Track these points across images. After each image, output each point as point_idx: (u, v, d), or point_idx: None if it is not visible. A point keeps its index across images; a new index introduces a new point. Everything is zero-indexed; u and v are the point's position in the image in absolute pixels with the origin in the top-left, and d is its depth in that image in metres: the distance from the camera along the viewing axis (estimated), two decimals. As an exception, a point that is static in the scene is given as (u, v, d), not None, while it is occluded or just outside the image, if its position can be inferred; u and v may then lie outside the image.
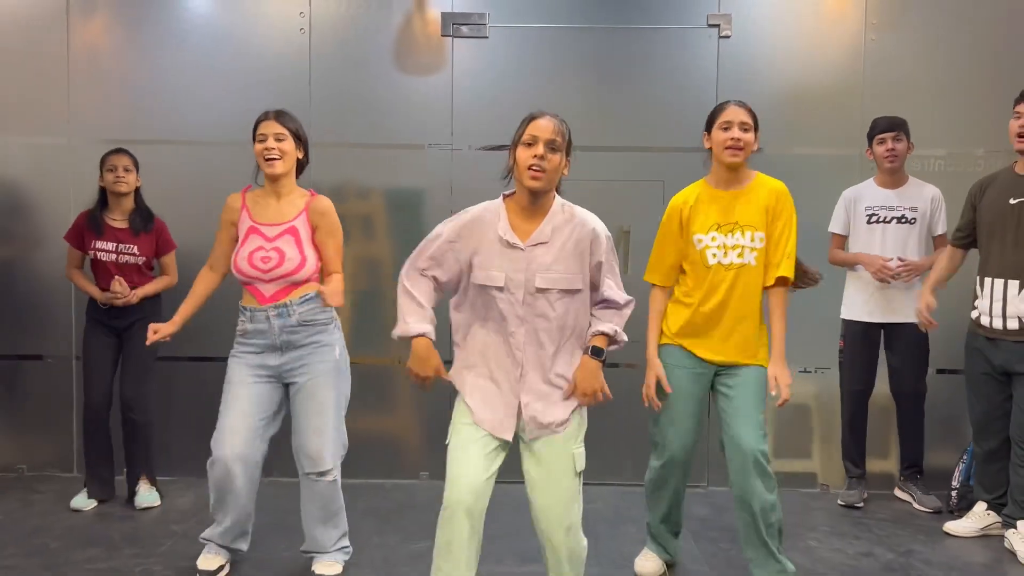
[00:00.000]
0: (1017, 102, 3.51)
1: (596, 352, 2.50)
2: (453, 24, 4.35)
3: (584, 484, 2.61)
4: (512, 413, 2.48)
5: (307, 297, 3.03)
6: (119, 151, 3.95)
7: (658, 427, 3.08)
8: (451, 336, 2.58)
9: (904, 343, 4.06)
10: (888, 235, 4.07)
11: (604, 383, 2.52)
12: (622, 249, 4.32)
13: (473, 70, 4.38)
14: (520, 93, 4.33)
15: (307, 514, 3.10)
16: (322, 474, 3.04)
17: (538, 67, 4.37)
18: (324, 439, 3.03)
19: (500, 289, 2.44)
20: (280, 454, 3.41)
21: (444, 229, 2.51)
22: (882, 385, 4.18)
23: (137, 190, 3.97)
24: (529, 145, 2.43)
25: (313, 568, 3.12)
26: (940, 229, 4.07)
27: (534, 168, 2.40)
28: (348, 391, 3.17)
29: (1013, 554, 3.46)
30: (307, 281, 3.06)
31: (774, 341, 3.00)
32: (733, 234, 2.98)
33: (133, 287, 3.90)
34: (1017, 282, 3.47)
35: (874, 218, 4.09)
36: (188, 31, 4.40)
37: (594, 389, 2.49)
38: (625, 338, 2.55)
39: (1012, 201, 3.52)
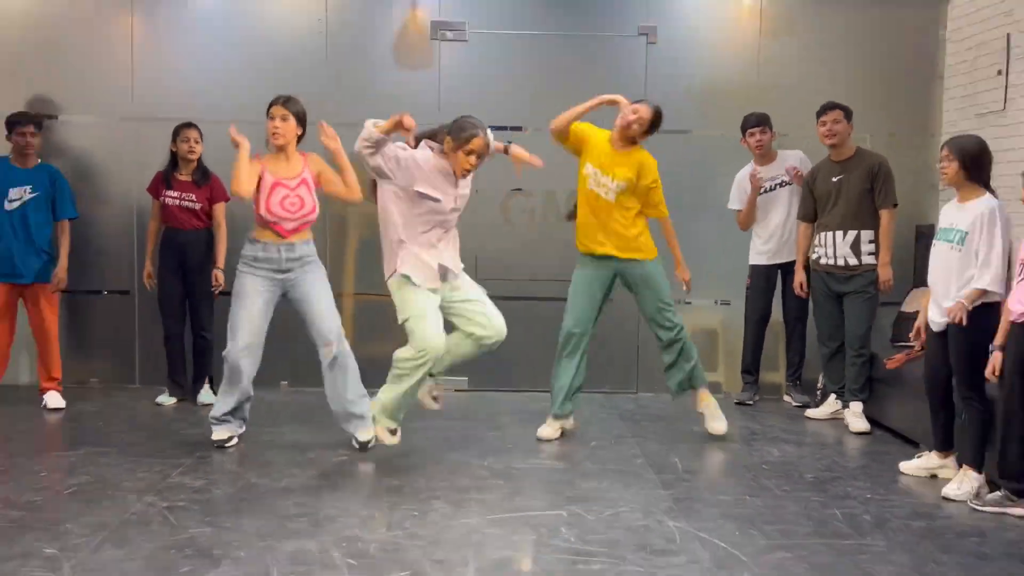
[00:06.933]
0: (820, 114, 4.87)
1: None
2: (440, 30, 5.50)
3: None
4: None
5: (306, 240, 4.13)
6: (190, 125, 4.95)
7: None
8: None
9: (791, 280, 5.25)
10: (776, 199, 5.29)
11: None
12: (572, 199, 5.51)
13: (455, 66, 5.55)
14: (491, 86, 5.53)
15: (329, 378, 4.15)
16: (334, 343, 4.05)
17: (506, 65, 5.58)
18: (332, 320, 4.09)
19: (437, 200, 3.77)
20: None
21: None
22: (775, 315, 5.41)
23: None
24: (469, 154, 3.68)
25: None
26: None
27: (466, 171, 3.79)
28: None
29: (847, 426, 4.77)
30: (311, 223, 4.11)
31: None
32: (606, 175, 4.27)
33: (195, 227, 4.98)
34: (841, 232, 4.86)
35: (762, 190, 5.30)
36: (232, 31, 5.52)
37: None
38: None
39: (833, 179, 4.89)
